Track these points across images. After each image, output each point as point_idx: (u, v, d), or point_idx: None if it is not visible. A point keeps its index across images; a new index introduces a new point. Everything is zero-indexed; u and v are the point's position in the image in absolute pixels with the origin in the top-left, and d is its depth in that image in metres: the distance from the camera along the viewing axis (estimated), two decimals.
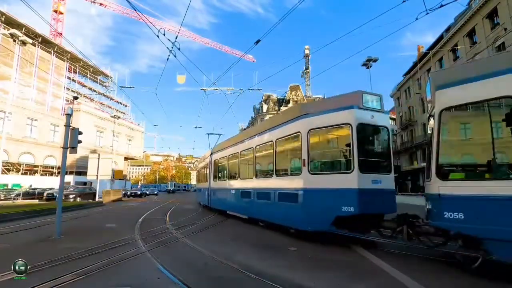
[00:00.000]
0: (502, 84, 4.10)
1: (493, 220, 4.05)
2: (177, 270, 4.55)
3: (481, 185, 4.25)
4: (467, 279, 4.38)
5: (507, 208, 3.87)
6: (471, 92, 4.41)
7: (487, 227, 4.06)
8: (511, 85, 4.02)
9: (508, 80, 4.03)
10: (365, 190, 6.11)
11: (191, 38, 58.90)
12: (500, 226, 3.92)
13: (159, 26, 11.82)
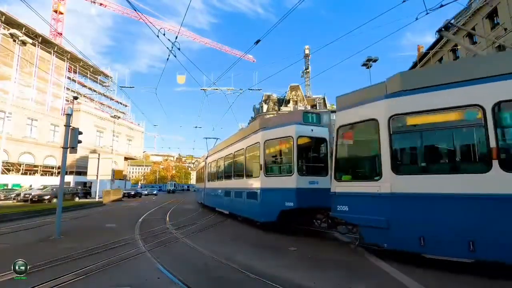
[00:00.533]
0: (369, 110, 5.61)
1: (362, 211, 5.56)
2: (177, 270, 4.55)
3: (358, 185, 5.83)
4: (467, 279, 4.37)
5: (370, 202, 5.43)
6: (352, 115, 5.97)
7: (359, 216, 5.61)
8: (375, 110, 5.50)
9: (374, 106, 5.54)
10: (302, 189, 7.62)
11: (191, 38, 59.00)
12: (366, 215, 5.44)
13: (159, 26, 11.82)
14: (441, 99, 4.84)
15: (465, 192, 4.49)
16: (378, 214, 5.25)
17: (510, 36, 20.86)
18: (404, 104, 5.19)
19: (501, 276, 4.32)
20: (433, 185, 4.78)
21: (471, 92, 4.63)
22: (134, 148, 50.50)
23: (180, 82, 27.30)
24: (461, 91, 4.71)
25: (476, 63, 5.74)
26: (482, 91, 4.54)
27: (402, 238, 5.08)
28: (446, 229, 4.62)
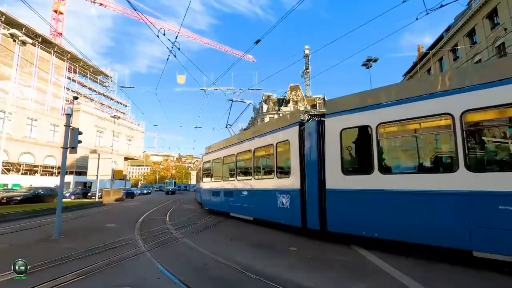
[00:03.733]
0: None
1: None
2: (177, 270, 4.55)
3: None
4: (468, 279, 4.38)
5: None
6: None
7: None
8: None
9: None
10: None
11: (191, 38, 59.01)
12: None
13: (159, 26, 11.83)
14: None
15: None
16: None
17: (510, 36, 20.85)
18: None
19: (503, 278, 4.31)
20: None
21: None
22: (134, 148, 50.54)
23: (180, 82, 27.35)
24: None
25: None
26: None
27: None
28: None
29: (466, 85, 5.07)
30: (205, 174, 15.68)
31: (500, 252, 4.42)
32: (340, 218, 6.54)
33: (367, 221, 6.02)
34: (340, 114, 6.83)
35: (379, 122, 6.03)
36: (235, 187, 11.44)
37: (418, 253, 5.65)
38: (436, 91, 5.43)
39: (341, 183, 6.58)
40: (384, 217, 5.79)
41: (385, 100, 6.15)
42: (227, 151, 12.56)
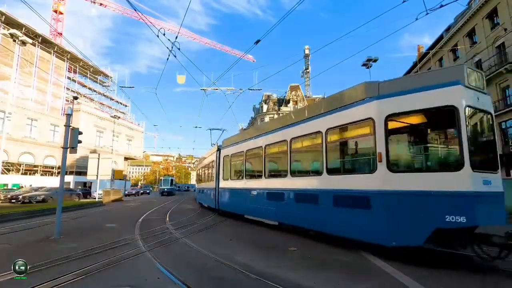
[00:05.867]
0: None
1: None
2: (177, 270, 4.54)
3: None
4: (468, 279, 4.38)
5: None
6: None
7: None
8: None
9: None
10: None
11: (191, 38, 58.99)
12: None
13: (159, 26, 11.83)
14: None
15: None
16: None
17: (510, 36, 20.85)
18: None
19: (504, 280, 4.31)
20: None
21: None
22: (134, 148, 50.55)
23: (180, 82, 27.31)
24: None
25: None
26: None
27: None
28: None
29: (327, 110, 6.97)
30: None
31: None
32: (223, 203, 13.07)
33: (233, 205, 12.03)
34: (226, 147, 13.25)
35: (247, 149, 10.98)
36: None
37: (418, 253, 5.65)
38: (313, 115, 7.43)
39: (224, 184, 13.04)
40: (245, 203, 10.65)
41: (253, 134, 10.89)
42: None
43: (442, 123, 5.50)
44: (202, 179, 19.98)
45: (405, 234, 5.06)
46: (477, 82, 5.25)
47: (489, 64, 22.63)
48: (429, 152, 5.56)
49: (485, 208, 4.79)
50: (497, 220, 4.98)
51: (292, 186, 8.04)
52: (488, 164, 5.33)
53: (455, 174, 4.79)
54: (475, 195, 4.65)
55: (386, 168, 5.31)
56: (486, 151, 5.56)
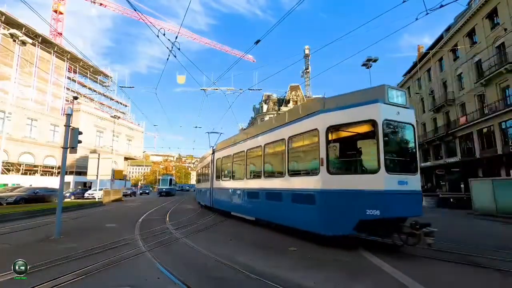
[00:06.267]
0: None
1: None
2: (177, 270, 4.54)
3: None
4: (468, 279, 4.38)
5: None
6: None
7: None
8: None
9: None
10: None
11: (191, 38, 58.97)
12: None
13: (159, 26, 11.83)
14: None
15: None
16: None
17: (510, 36, 20.85)
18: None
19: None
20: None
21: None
22: (134, 148, 50.53)
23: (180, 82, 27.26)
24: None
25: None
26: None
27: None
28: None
29: (290, 120, 8.01)
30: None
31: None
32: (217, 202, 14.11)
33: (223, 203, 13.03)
34: (219, 150, 14.15)
35: (233, 153, 12.00)
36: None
37: (418, 253, 5.65)
38: (280, 125, 8.48)
39: (217, 185, 14.15)
40: (231, 202, 11.89)
41: (239, 140, 11.79)
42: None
43: (366, 134, 6.43)
44: (200, 180, 21.27)
45: (338, 225, 6.13)
46: (398, 99, 6.28)
47: (489, 64, 22.63)
48: (356, 157, 6.59)
49: (399, 203, 5.80)
50: (414, 212, 6.08)
51: (265, 186, 9.05)
52: (405, 167, 6.32)
53: (373, 176, 5.84)
54: (387, 193, 5.66)
55: (326, 171, 6.36)
56: (404, 156, 6.53)
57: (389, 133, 6.24)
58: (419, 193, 6.33)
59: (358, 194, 5.86)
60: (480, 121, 23.57)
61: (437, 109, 30.42)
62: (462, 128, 25.93)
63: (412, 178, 6.21)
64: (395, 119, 6.18)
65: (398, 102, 6.28)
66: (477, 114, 24.48)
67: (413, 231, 5.52)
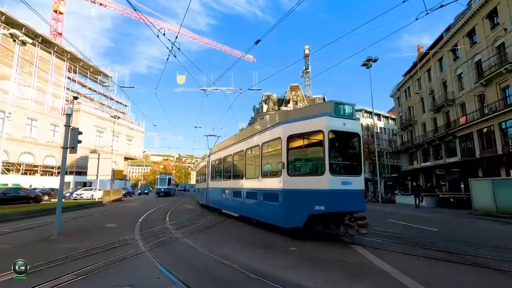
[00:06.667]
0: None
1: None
2: (177, 270, 4.54)
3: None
4: (467, 279, 4.38)
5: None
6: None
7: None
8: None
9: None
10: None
11: (191, 38, 58.93)
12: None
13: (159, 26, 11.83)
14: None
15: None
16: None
17: (510, 36, 20.85)
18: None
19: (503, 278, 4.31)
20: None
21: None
22: (134, 148, 50.52)
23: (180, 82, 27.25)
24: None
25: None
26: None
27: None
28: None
29: (262, 129, 9.04)
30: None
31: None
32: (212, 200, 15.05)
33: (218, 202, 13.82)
34: (213, 154, 15.29)
35: (223, 156, 12.98)
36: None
37: (418, 253, 5.65)
38: (256, 132, 9.46)
39: (211, 185, 15.21)
40: (222, 200, 12.98)
41: (228, 144, 12.81)
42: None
43: (316, 142, 7.34)
44: (199, 180, 22.91)
45: (293, 218, 7.18)
46: (345, 112, 7.27)
47: (489, 64, 22.63)
48: (309, 162, 7.68)
49: (342, 200, 6.80)
50: (357, 207, 7.07)
51: (245, 186, 10.12)
52: (350, 170, 7.30)
53: (320, 177, 6.84)
54: (330, 191, 6.69)
55: (286, 173, 7.38)
56: (349, 160, 7.53)
57: (335, 141, 7.26)
58: (362, 191, 7.35)
59: (308, 193, 6.94)
60: (480, 121, 23.56)
61: (437, 109, 30.42)
62: (462, 128, 25.92)
63: (356, 179, 7.17)
64: (341, 129, 7.15)
65: (345, 114, 7.27)
66: (477, 114, 24.48)
67: (350, 223, 6.71)
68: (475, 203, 15.46)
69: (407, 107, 39.09)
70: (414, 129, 36.86)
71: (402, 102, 40.73)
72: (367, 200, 30.42)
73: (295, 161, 7.72)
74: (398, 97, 42.21)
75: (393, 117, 55.22)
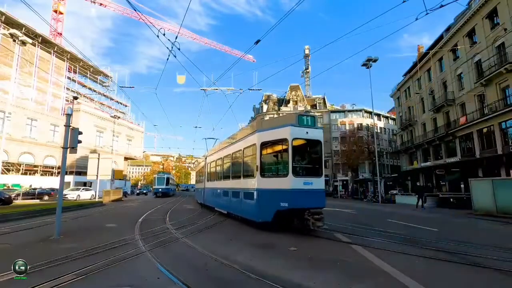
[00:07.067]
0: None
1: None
2: (177, 270, 4.54)
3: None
4: (467, 279, 4.38)
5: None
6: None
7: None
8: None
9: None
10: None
11: (191, 38, 58.94)
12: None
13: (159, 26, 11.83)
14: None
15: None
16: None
17: (510, 36, 20.85)
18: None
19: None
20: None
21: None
22: (134, 148, 50.48)
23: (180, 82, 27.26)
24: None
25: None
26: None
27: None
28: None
29: (244, 136, 10.16)
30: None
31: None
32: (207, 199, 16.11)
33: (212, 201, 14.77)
34: (208, 156, 16.46)
35: (216, 159, 14.20)
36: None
37: (418, 253, 5.65)
38: (240, 139, 10.63)
39: (207, 185, 16.29)
40: (215, 199, 13.96)
41: (219, 149, 14.03)
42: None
43: (283, 148, 8.37)
44: (197, 181, 24.70)
45: (264, 214, 8.32)
46: (308, 123, 8.43)
47: (489, 64, 22.63)
48: (277, 165, 8.76)
49: (303, 197, 7.88)
50: (317, 204, 8.13)
51: (231, 186, 11.20)
52: (311, 172, 8.47)
53: (285, 179, 7.98)
54: (293, 191, 7.82)
55: (260, 175, 8.53)
56: (311, 164, 8.65)
57: (298, 147, 8.29)
58: (322, 190, 8.42)
59: (276, 192, 8.06)
60: (480, 121, 23.56)
61: (437, 109, 30.42)
62: (462, 128, 25.92)
63: (317, 180, 8.29)
64: (303, 137, 8.28)
65: (308, 124, 8.39)
66: (477, 114, 24.48)
67: (308, 217, 7.82)
68: (475, 203, 15.46)
69: (407, 107, 39.09)
70: (414, 129, 36.86)
71: (402, 102, 40.73)
72: (368, 200, 30.45)
73: (267, 165, 8.87)
74: (398, 97, 42.22)
75: (393, 117, 55.27)
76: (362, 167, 46.87)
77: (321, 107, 57.26)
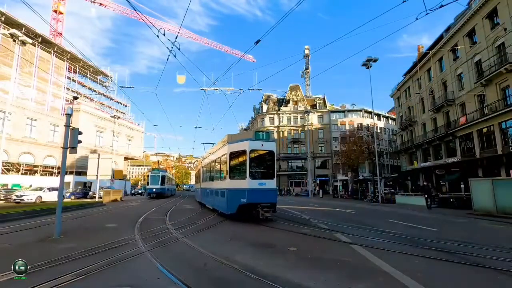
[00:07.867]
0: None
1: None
2: (177, 270, 4.54)
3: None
4: (467, 279, 4.38)
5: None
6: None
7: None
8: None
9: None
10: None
11: (191, 38, 58.93)
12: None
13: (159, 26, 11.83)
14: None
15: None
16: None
17: (510, 36, 20.84)
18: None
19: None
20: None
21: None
22: (134, 148, 50.50)
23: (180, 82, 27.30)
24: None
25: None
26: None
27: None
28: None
29: (222, 145, 12.46)
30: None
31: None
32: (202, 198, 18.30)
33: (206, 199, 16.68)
34: (204, 160, 18.43)
35: (208, 162, 16.25)
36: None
37: (418, 253, 5.65)
38: (220, 147, 12.80)
39: (202, 185, 18.34)
40: (206, 197, 16.17)
41: (211, 153, 15.73)
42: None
43: (243, 158, 10.75)
44: (196, 181, 29.19)
45: (231, 207, 10.66)
46: (263, 137, 11.00)
47: (489, 64, 22.63)
48: (240, 170, 10.96)
49: (258, 195, 10.36)
50: (269, 200, 10.63)
51: (214, 186, 13.61)
52: (265, 175, 10.88)
53: (244, 180, 10.42)
54: (249, 189, 10.24)
55: (229, 177, 11.00)
56: (266, 169, 11.09)
57: (255, 156, 10.76)
58: (274, 189, 10.94)
59: (238, 190, 10.43)
60: (480, 121, 23.56)
61: (437, 109, 30.42)
62: (462, 128, 25.92)
63: (270, 181, 10.73)
64: (259, 149, 10.85)
65: (263, 138, 10.95)
66: (477, 114, 24.48)
67: (259, 210, 10.34)
68: (475, 203, 15.46)
69: (407, 107, 39.08)
70: (414, 129, 36.85)
71: (402, 102, 40.72)
72: (368, 200, 30.44)
73: (234, 170, 11.14)
74: (398, 97, 42.21)
75: (393, 117, 55.28)
76: (362, 167, 46.90)
77: (321, 107, 57.28)
